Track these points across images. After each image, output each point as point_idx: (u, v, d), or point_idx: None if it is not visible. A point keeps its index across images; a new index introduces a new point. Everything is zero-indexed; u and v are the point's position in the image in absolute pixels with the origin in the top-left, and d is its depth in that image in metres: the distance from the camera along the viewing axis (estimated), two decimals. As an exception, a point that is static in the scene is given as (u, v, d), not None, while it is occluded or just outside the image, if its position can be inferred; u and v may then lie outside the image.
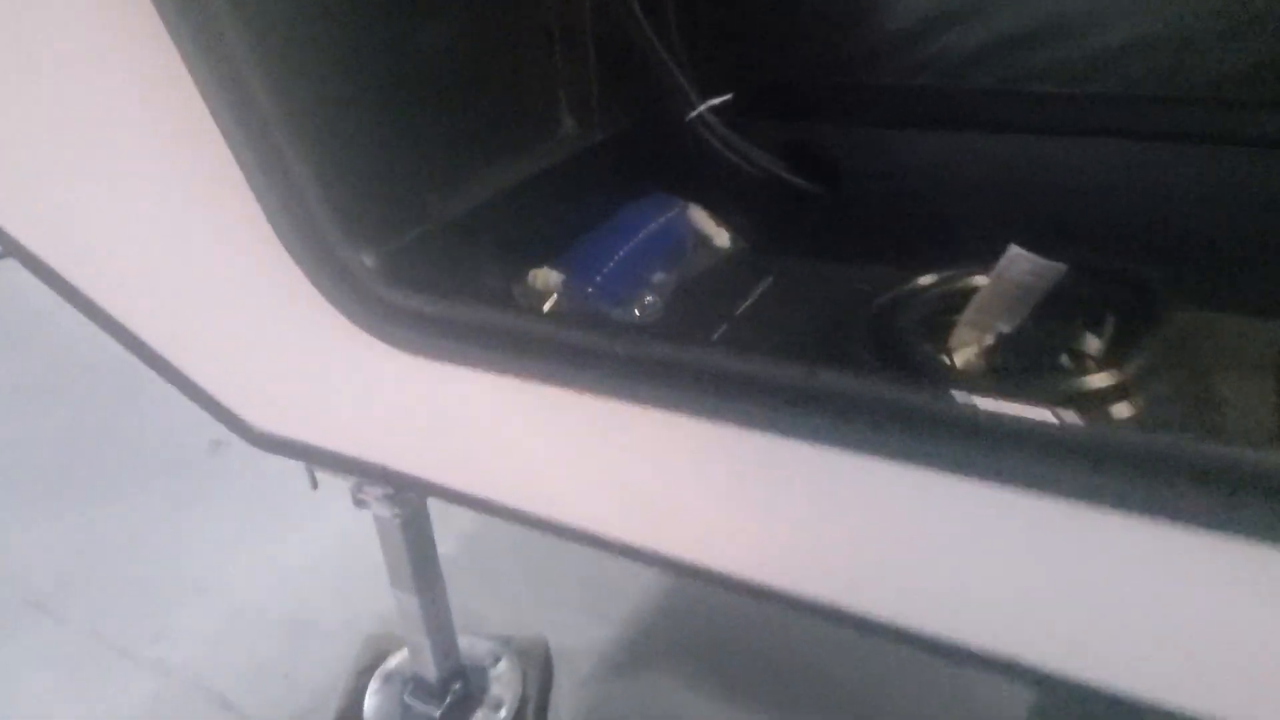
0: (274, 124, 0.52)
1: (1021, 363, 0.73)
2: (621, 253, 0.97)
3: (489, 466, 0.65)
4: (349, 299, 0.57)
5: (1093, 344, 0.69)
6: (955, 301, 0.78)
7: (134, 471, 1.52)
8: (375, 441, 0.71)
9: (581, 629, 1.19)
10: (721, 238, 1.09)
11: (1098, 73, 0.87)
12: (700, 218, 1.08)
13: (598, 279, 0.93)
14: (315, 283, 0.57)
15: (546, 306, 0.90)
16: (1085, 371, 0.68)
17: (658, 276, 1.02)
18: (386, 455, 0.71)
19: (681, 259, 1.05)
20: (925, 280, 0.80)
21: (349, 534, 1.34)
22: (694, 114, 1.00)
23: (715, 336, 0.91)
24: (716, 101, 1.02)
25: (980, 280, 0.78)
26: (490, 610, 1.20)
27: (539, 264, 0.93)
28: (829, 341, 0.86)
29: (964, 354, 0.79)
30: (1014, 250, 0.72)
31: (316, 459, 0.76)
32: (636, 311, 0.90)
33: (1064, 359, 0.69)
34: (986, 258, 0.98)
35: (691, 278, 1.04)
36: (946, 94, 0.94)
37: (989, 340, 0.78)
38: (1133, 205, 0.84)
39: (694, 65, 1.01)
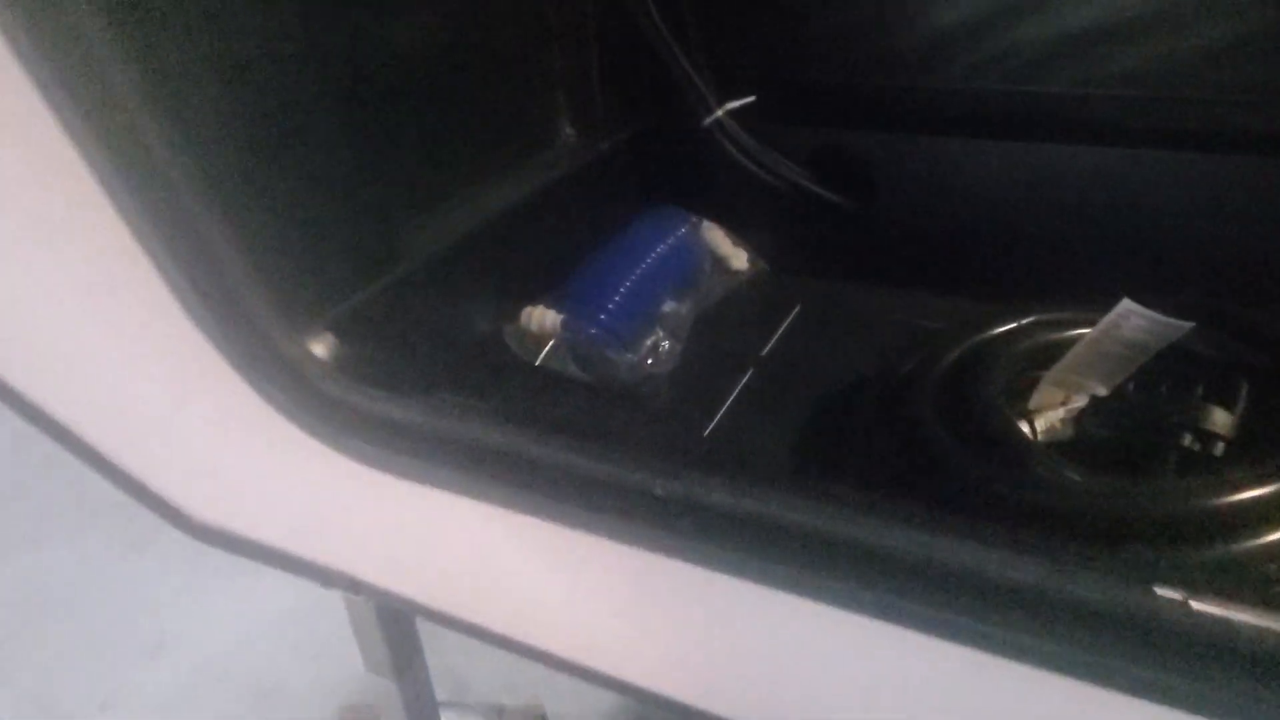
0: (170, 169, 0.38)
1: (1122, 435, 0.60)
2: (628, 283, 0.83)
3: (474, 591, 0.52)
4: (290, 401, 0.44)
5: (1220, 419, 0.56)
6: (1035, 352, 0.65)
7: (78, 511, 1.37)
8: (337, 549, 0.57)
9: (580, 695, 1.06)
10: (739, 259, 0.96)
11: (1190, 77, 0.73)
12: (715, 236, 0.95)
13: (601, 317, 0.79)
14: (247, 379, 0.44)
15: (542, 355, 0.76)
16: (1220, 457, 0.55)
17: (668, 306, 0.89)
18: (352, 564, 0.58)
19: (695, 285, 0.92)
20: (1002, 328, 0.66)
21: (321, 582, 1.21)
22: (712, 118, 0.86)
23: (741, 385, 0.78)
24: (738, 104, 0.88)
25: (1073, 331, 0.65)
26: (479, 676, 1.07)
27: (533, 300, 0.79)
28: (876, 389, 0.73)
29: (1047, 418, 0.66)
30: (1126, 305, 0.59)
31: (270, 559, 0.62)
32: (649, 360, 0.76)
33: (1188, 438, 0.56)
34: (1050, 288, 0.86)
35: (707, 308, 0.90)
36: (1006, 99, 0.80)
37: (1078, 402, 0.65)
38: (1251, 233, 0.71)
39: (712, 63, 0.86)
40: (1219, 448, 0.56)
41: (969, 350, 0.64)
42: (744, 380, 0.78)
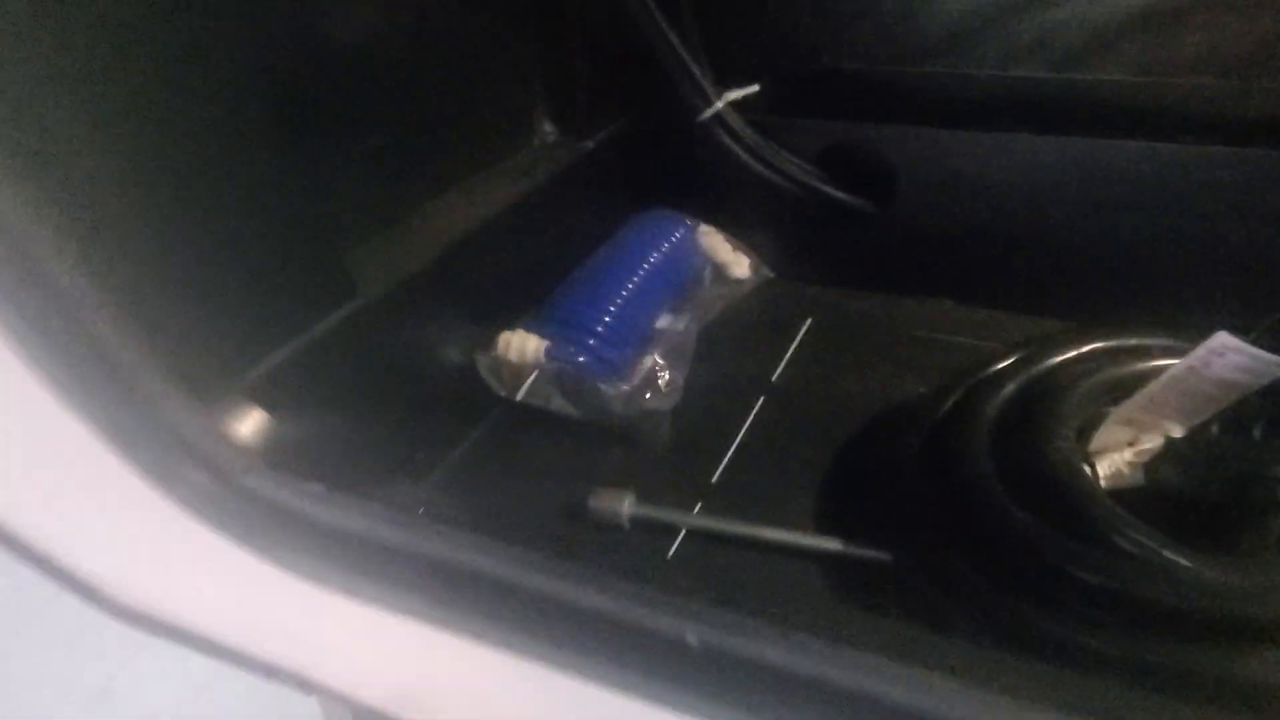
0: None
1: (1205, 487, 0.51)
2: (620, 300, 0.73)
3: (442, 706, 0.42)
4: (204, 502, 0.34)
5: (1326, 474, 0.48)
6: (1103, 388, 0.56)
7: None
8: (282, 647, 0.47)
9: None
10: (741, 266, 0.86)
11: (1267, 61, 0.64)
12: (714, 242, 0.85)
13: (591, 342, 0.69)
14: (145, 476, 0.34)
15: (523, 390, 0.67)
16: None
17: (664, 321, 0.79)
18: (299, 664, 0.48)
19: (693, 296, 0.82)
20: (1061, 356, 0.57)
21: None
22: (711, 111, 0.76)
23: (752, 417, 0.68)
24: (740, 94, 0.77)
25: (1149, 363, 0.55)
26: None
27: (511, 323, 0.69)
28: (915, 430, 0.63)
29: (1111, 461, 0.57)
30: (1223, 340, 0.49)
31: (210, 651, 0.52)
32: (647, 395, 0.66)
33: (1284, 493, 0.48)
34: (1101, 303, 0.77)
35: (709, 323, 0.81)
36: (1047, 86, 0.71)
37: (1148, 444, 0.56)
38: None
39: (710, 49, 0.76)
40: (1329, 508, 0.48)
41: (1027, 384, 0.55)
42: (754, 412, 0.69)
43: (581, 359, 0.68)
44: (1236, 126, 0.65)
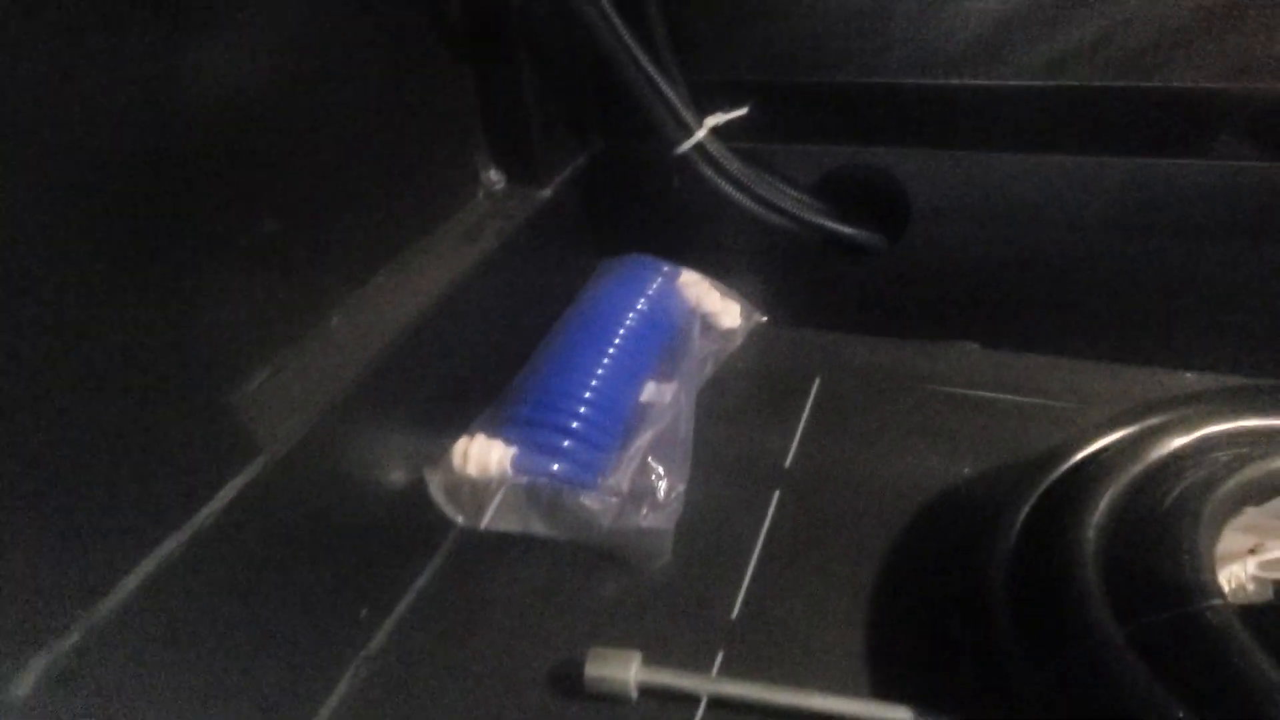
0: None
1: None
2: (595, 379, 0.60)
3: None
4: None
5: None
6: (1232, 489, 0.44)
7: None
8: None
9: None
10: (730, 313, 0.74)
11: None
12: (699, 290, 0.72)
13: (565, 444, 0.56)
14: None
15: (488, 515, 0.53)
16: None
17: (649, 392, 0.66)
18: None
19: (680, 358, 0.69)
20: (1172, 443, 0.46)
21: None
22: (691, 141, 0.63)
23: (768, 521, 0.56)
24: (725, 118, 0.65)
25: (1246, 423, 0.44)
26: None
27: (467, 427, 0.56)
28: (961, 537, 0.52)
29: (1231, 573, 0.46)
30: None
31: None
32: (643, 509, 0.54)
33: None
34: (1142, 339, 0.66)
35: (700, 388, 0.68)
36: (1096, 96, 0.59)
37: (1273, 552, 0.45)
38: None
39: (686, 68, 0.63)
40: None
41: (1134, 492, 0.43)
42: (770, 513, 0.57)
43: (556, 467, 0.55)
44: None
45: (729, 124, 0.66)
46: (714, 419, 0.65)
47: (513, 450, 0.55)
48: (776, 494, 0.58)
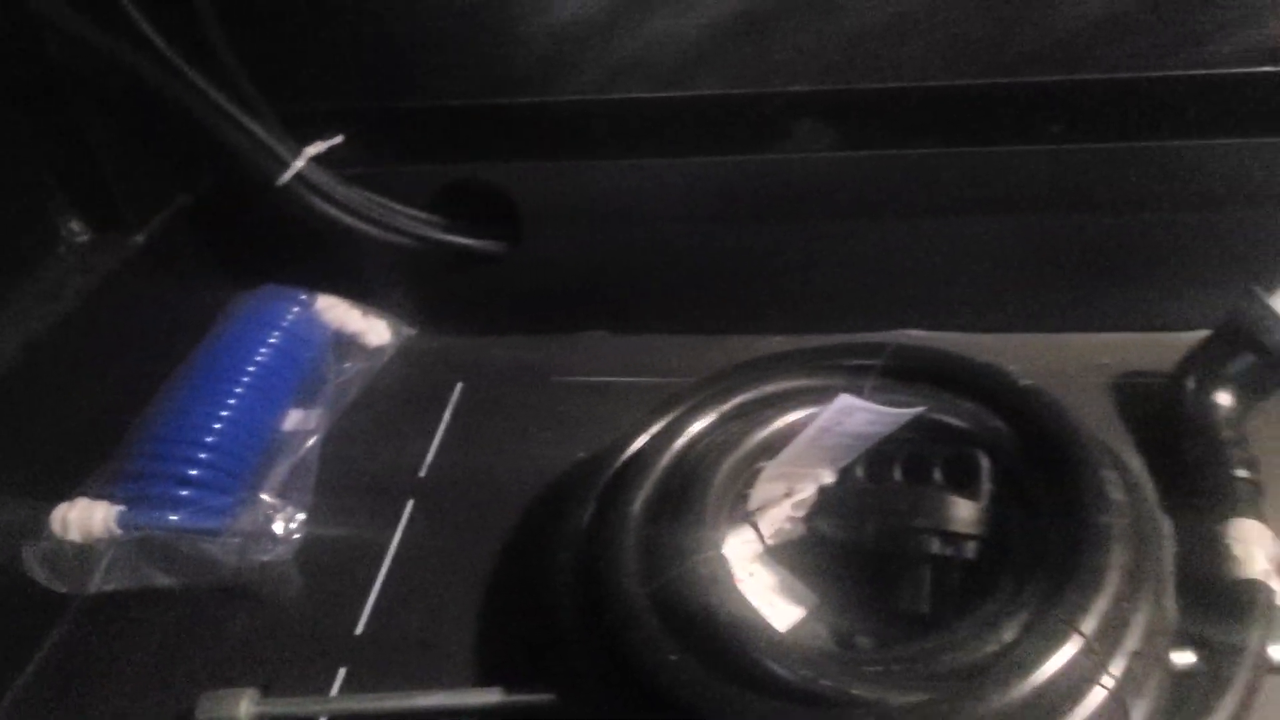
0: None
1: (859, 535, 0.49)
2: (220, 421, 0.60)
3: None
4: None
5: (965, 514, 0.47)
6: (758, 450, 0.52)
7: None
8: None
9: None
10: (377, 331, 0.75)
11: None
12: (339, 312, 0.74)
13: (183, 493, 0.56)
14: None
15: (95, 580, 0.53)
16: (975, 561, 0.45)
17: (293, 420, 0.67)
18: None
19: (325, 381, 0.71)
20: (700, 422, 0.53)
21: None
22: (290, 173, 0.64)
23: (399, 533, 0.59)
24: (322, 147, 0.66)
25: (790, 416, 0.52)
26: None
27: (69, 491, 0.55)
28: (565, 536, 0.57)
29: (772, 518, 0.54)
30: (845, 400, 0.47)
31: None
32: (263, 544, 0.55)
33: (935, 542, 0.46)
34: (740, 313, 0.74)
35: (346, 408, 0.70)
36: (654, 106, 0.65)
37: (803, 493, 0.53)
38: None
39: (273, 98, 0.64)
40: (970, 548, 0.47)
41: (665, 475, 0.49)
42: (401, 525, 0.60)
43: (173, 517, 0.55)
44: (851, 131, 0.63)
45: (340, 151, 0.67)
46: (352, 438, 0.67)
47: (117, 508, 0.54)
48: (410, 504, 0.61)
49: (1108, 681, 0.36)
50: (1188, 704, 0.41)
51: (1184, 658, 0.44)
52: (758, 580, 0.52)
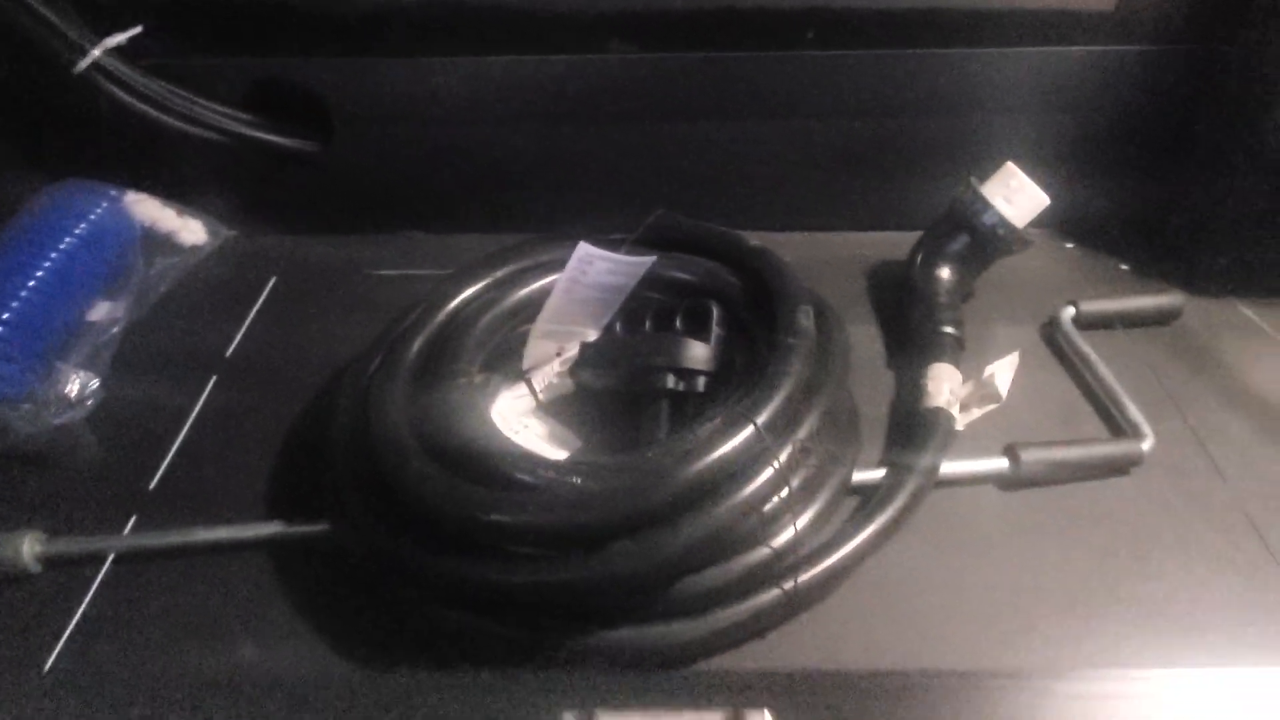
0: None
1: (618, 381, 0.55)
2: (15, 302, 0.62)
3: None
4: None
5: (698, 353, 0.53)
6: (518, 309, 0.57)
7: None
8: None
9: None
10: (192, 230, 0.77)
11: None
12: (149, 208, 0.75)
13: (-26, 362, 0.58)
14: None
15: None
16: (704, 393, 0.52)
17: (100, 311, 0.69)
18: None
19: (133, 274, 0.72)
20: (459, 295, 0.57)
21: None
22: (86, 61, 0.65)
23: (200, 404, 0.62)
24: (121, 38, 0.67)
25: (548, 279, 0.57)
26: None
27: None
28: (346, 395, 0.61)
29: (544, 374, 0.59)
30: (585, 250, 0.52)
31: None
32: (53, 409, 0.57)
33: (671, 380, 0.52)
34: (549, 212, 0.79)
35: (157, 301, 0.72)
36: (460, 8, 0.69)
37: (571, 351, 0.59)
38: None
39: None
40: (701, 382, 0.53)
41: (435, 334, 0.54)
42: (203, 398, 0.63)
43: (-39, 384, 0.57)
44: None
45: (142, 42, 0.69)
46: (160, 324, 0.69)
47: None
48: (213, 379, 0.64)
49: (775, 463, 0.42)
50: (864, 507, 0.49)
51: (875, 474, 0.52)
52: (530, 431, 0.57)
